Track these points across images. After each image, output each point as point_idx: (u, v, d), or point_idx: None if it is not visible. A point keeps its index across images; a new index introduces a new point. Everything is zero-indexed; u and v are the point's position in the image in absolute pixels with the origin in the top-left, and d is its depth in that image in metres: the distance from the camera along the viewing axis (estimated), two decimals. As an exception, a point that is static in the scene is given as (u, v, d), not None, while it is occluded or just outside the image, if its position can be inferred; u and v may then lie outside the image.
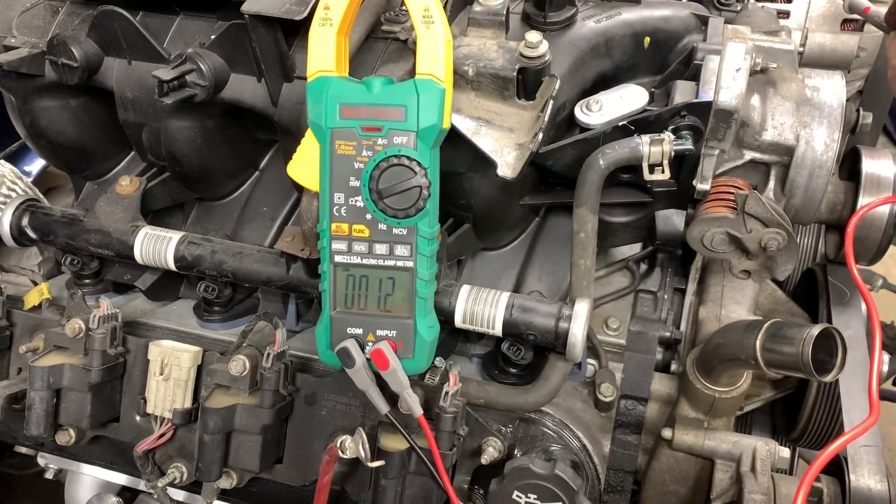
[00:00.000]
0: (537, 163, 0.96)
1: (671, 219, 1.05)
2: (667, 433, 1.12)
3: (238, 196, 1.22)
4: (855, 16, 1.11)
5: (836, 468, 1.03)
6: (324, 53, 0.85)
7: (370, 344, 0.89)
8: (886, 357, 1.23)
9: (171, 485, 1.03)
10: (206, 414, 0.92)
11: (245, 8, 0.91)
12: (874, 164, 1.15)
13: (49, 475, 1.28)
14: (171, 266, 1.06)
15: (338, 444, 0.86)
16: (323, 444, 0.97)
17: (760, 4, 1.12)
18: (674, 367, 1.20)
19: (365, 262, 0.88)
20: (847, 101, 1.01)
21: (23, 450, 1.27)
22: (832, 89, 0.95)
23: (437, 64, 0.83)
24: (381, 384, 0.89)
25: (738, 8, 1.10)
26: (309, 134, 0.88)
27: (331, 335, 0.90)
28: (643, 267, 1.24)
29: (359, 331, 0.89)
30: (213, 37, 1.00)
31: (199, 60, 0.98)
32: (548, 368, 0.98)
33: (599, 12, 0.98)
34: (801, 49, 1.19)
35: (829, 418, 1.16)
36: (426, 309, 0.89)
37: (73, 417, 1.00)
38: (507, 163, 0.89)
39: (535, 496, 0.92)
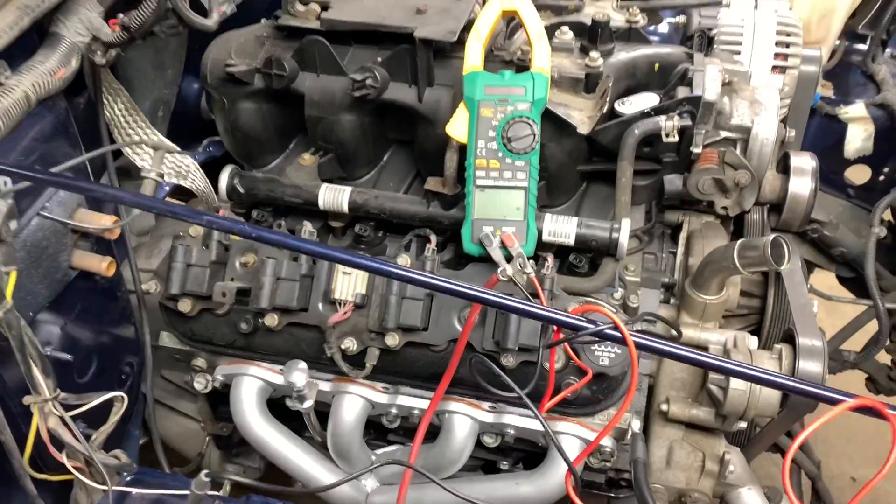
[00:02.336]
0: (591, 137, 1.52)
1: (674, 182, 1.61)
2: (673, 333, 1.63)
3: (369, 178, 1.74)
4: (780, 62, 1.74)
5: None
6: (475, 56, 1.41)
7: (498, 236, 1.40)
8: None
9: (344, 353, 1.48)
10: (391, 282, 1.40)
11: (417, 34, 1.47)
12: (798, 160, 1.75)
13: (209, 387, 1.68)
14: (345, 209, 1.56)
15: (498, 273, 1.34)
16: (457, 315, 1.45)
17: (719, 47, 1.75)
18: (672, 301, 1.73)
19: (496, 183, 1.40)
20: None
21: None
22: (770, 95, 1.56)
23: (544, 63, 1.39)
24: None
25: (710, 51, 1.72)
26: (461, 106, 1.42)
27: (472, 232, 1.41)
28: (645, 238, 1.80)
29: (490, 228, 1.40)
30: (380, 59, 1.56)
31: (375, 70, 1.53)
32: (602, 266, 1.51)
33: (629, 48, 1.58)
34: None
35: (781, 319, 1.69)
36: (533, 214, 1.41)
37: (284, 299, 1.46)
38: (583, 123, 1.45)
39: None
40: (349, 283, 1.47)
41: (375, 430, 1.80)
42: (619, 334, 0.96)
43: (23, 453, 1.24)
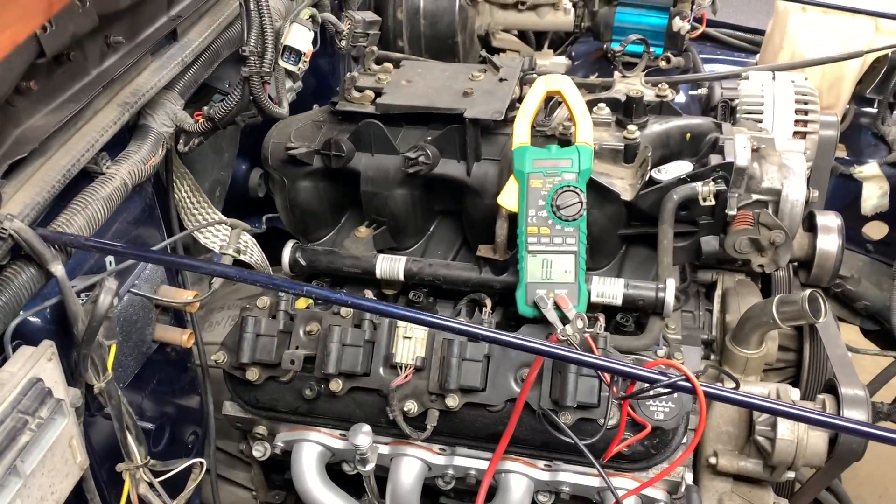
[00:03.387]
0: (631, 203, 1.62)
1: (710, 243, 1.70)
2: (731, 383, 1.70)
3: (418, 247, 1.84)
4: (800, 128, 1.87)
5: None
6: (523, 133, 1.52)
7: (551, 298, 1.48)
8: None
9: (405, 415, 1.55)
10: (452, 344, 1.48)
11: (467, 114, 1.59)
12: (824, 219, 1.85)
13: (268, 454, 1.75)
14: (401, 277, 1.66)
15: (558, 333, 1.41)
16: (513, 376, 1.53)
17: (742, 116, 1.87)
18: (712, 357, 1.81)
19: (547, 248, 1.50)
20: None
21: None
22: (797, 160, 1.66)
23: (588, 137, 1.51)
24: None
25: (734, 119, 1.84)
26: (512, 178, 1.53)
27: (526, 295, 1.50)
28: (682, 297, 1.89)
29: (544, 291, 1.49)
30: (430, 137, 1.67)
31: (426, 149, 1.64)
32: (649, 324, 1.59)
33: (662, 120, 1.70)
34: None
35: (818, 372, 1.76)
36: (582, 276, 1.50)
37: (348, 365, 1.54)
38: (625, 190, 1.55)
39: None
40: (409, 348, 1.55)
41: (426, 493, 1.86)
42: (689, 384, 1.04)
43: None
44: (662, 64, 2.15)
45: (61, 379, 1.11)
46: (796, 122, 1.86)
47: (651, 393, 1.31)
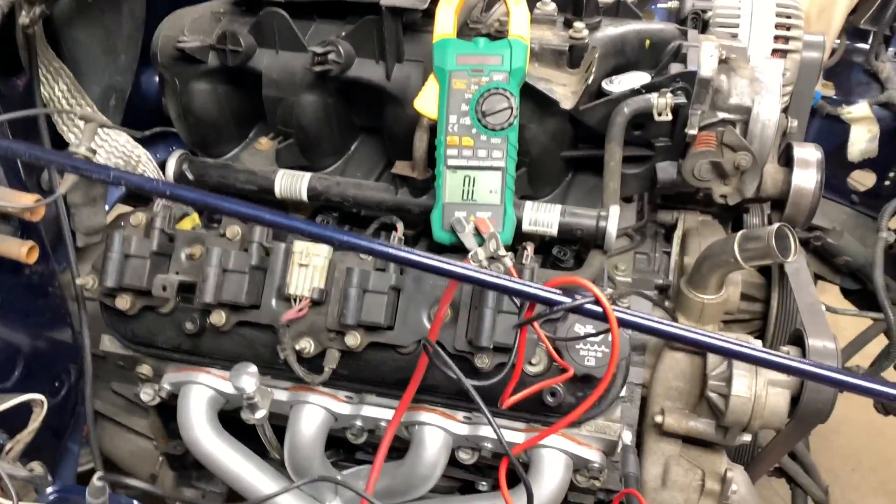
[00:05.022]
0: (577, 119, 1.38)
1: (667, 169, 1.46)
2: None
3: (334, 168, 1.59)
4: (781, 45, 1.62)
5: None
6: (446, 23, 1.27)
7: (471, 222, 1.25)
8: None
9: (300, 355, 1.32)
10: (351, 273, 1.25)
11: (384, 2, 1.33)
12: (802, 151, 1.61)
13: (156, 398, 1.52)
14: (304, 197, 1.41)
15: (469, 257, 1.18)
16: (426, 313, 1.30)
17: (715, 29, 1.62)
18: (666, 304, 1.58)
19: (470, 163, 1.26)
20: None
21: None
22: (772, 75, 1.42)
23: (523, 30, 1.26)
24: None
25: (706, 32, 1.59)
26: (431, 77, 1.28)
27: (443, 218, 1.26)
28: (636, 238, 1.66)
29: (463, 213, 1.25)
30: (344, 33, 1.42)
31: (338, 45, 1.39)
32: (588, 259, 1.36)
33: (617, 23, 1.44)
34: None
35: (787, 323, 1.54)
36: (510, 198, 1.26)
37: (232, 294, 1.30)
38: (566, 98, 1.30)
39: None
40: (306, 277, 1.31)
41: (344, 448, 1.64)
42: (599, 309, 0.81)
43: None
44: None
45: None
46: (776, 38, 1.61)
47: (555, 316, 1.08)
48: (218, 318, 1.33)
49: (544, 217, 1.33)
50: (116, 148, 1.50)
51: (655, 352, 1.52)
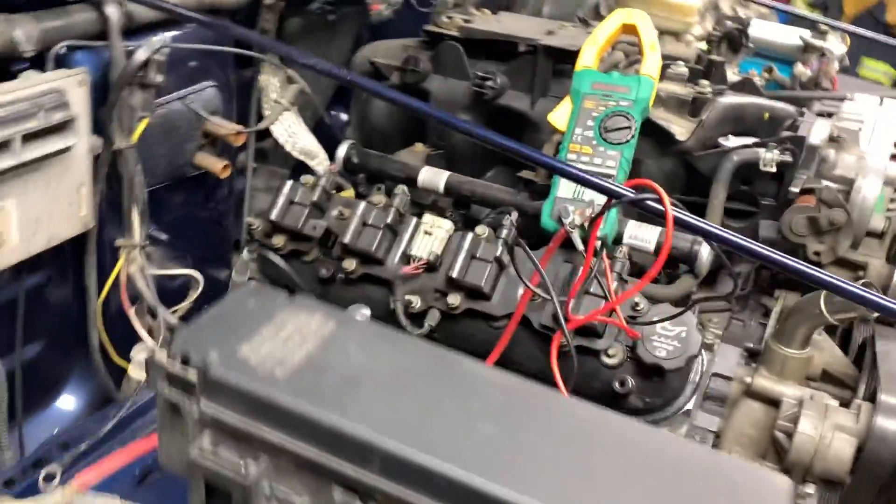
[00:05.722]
0: (690, 165, 1.56)
1: (769, 228, 1.59)
2: (747, 379, 1.53)
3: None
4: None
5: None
6: (589, 57, 1.53)
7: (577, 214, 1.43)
8: None
9: (407, 308, 1.52)
10: (463, 238, 1.45)
11: (541, 41, 1.62)
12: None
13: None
14: (441, 189, 1.66)
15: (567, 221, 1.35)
16: (521, 289, 1.47)
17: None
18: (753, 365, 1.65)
19: (585, 168, 1.46)
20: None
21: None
22: (880, 161, 1.55)
23: (652, 71, 1.49)
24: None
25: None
26: (566, 98, 1.53)
27: (553, 208, 1.46)
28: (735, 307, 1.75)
29: (572, 207, 1.44)
30: (503, 69, 1.71)
31: (497, 75, 1.68)
32: (679, 280, 1.49)
33: (740, 95, 1.65)
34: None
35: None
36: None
37: (366, 243, 1.54)
38: (681, 133, 1.50)
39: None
40: (428, 244, 1.53)
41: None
42: (660, 207, 0.96)
43: (99, 295, 1.35)
44: (765, 75, 2.10)
45: (86, 110, 1.19)
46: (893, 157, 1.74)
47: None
48: (349, 264, 1.56)
49: (644, 234, 1.50)
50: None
51: (734, 403, 1.58)
